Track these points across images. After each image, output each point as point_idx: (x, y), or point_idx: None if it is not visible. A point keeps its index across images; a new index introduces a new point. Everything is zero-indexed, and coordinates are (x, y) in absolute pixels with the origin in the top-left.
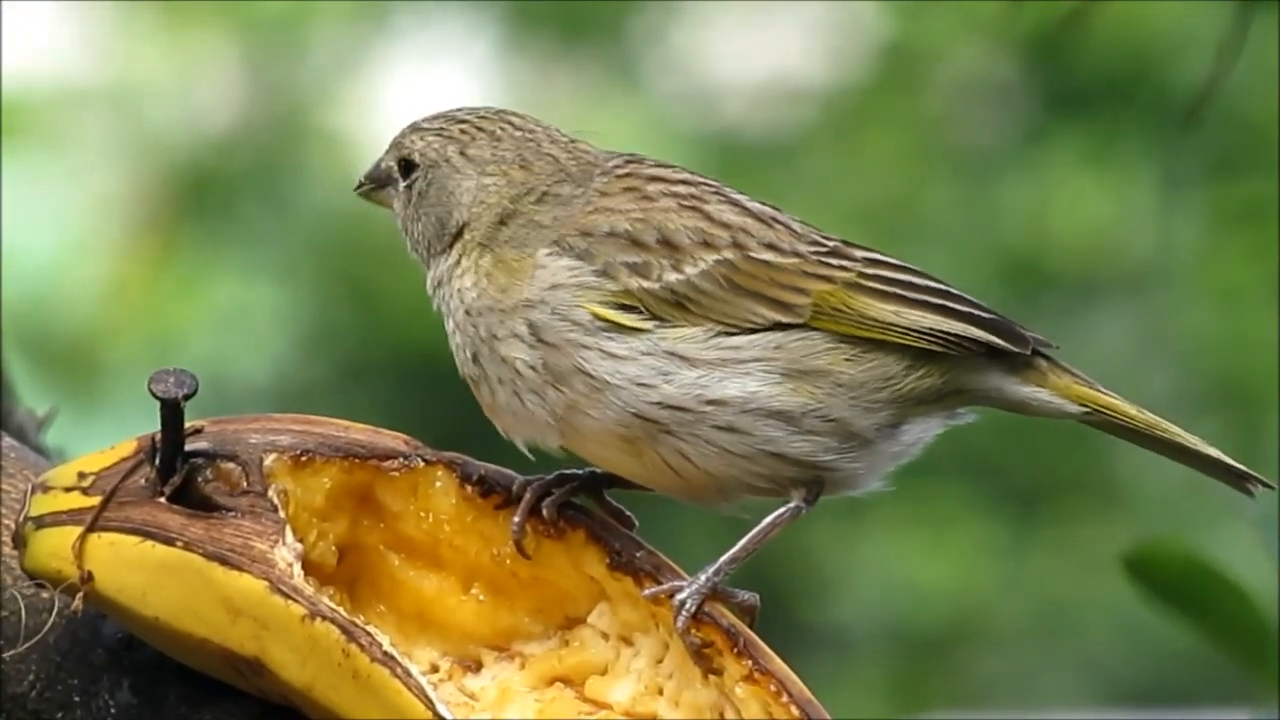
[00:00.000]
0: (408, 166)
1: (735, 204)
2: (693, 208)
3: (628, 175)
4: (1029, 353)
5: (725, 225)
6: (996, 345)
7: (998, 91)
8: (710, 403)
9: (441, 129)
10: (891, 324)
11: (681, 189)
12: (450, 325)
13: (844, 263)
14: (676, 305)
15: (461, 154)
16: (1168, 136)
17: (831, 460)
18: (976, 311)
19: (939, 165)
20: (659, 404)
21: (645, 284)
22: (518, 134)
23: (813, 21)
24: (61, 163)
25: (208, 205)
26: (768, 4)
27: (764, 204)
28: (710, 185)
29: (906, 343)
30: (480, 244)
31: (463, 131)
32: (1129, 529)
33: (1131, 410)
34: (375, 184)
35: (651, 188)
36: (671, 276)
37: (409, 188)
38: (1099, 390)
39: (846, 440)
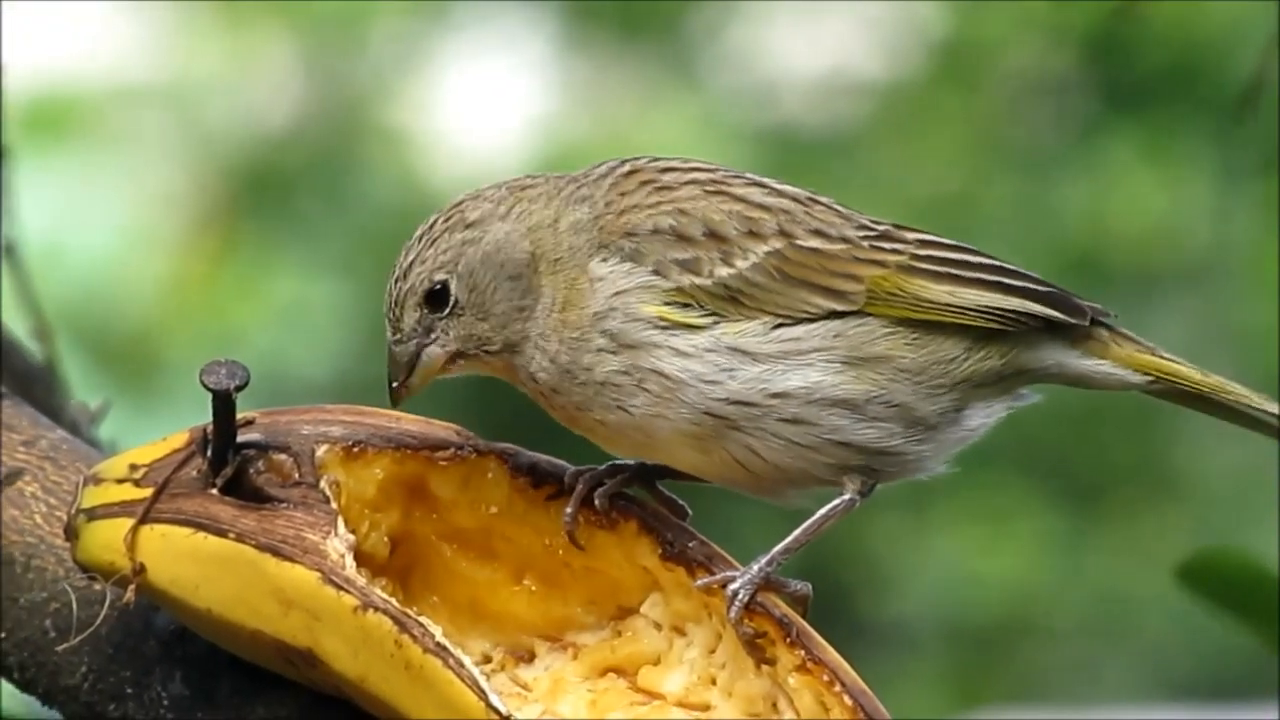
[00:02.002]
0: (436, 296)
1: (762, 185)
2: (718, 191)
3: (634, 173)
4: (1087, 323)
5: (764, 208)
6: (1054, 318)
7: (1055, 87)
8: (775, 395)
9: (423, 240)
10: (947, 304)
11: (700, 175)
12: (564, 386)
13: (896, 246)
14: (730, 300)
15: (469, 228)
16: (1224, 130)
17: (898, 445)
18: (1032, 285)
19: (997, 161)
20: (725, 400)
21: (697, 280)
22: (489, 190)
23: (870, 17)
24: (121, 160)
25: (266, 202)
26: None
27: (797, 187)
28: (728, 170)
29: (964, 322)
30: (554, 275)
31: (445, 221)
32: (1189, 523)
33: (1196, 375)
34: (409, 369)
35: (667, 178)
36: (723, 271)
37: (453, 310)
38: (1163, 356)
39: (911, 425)
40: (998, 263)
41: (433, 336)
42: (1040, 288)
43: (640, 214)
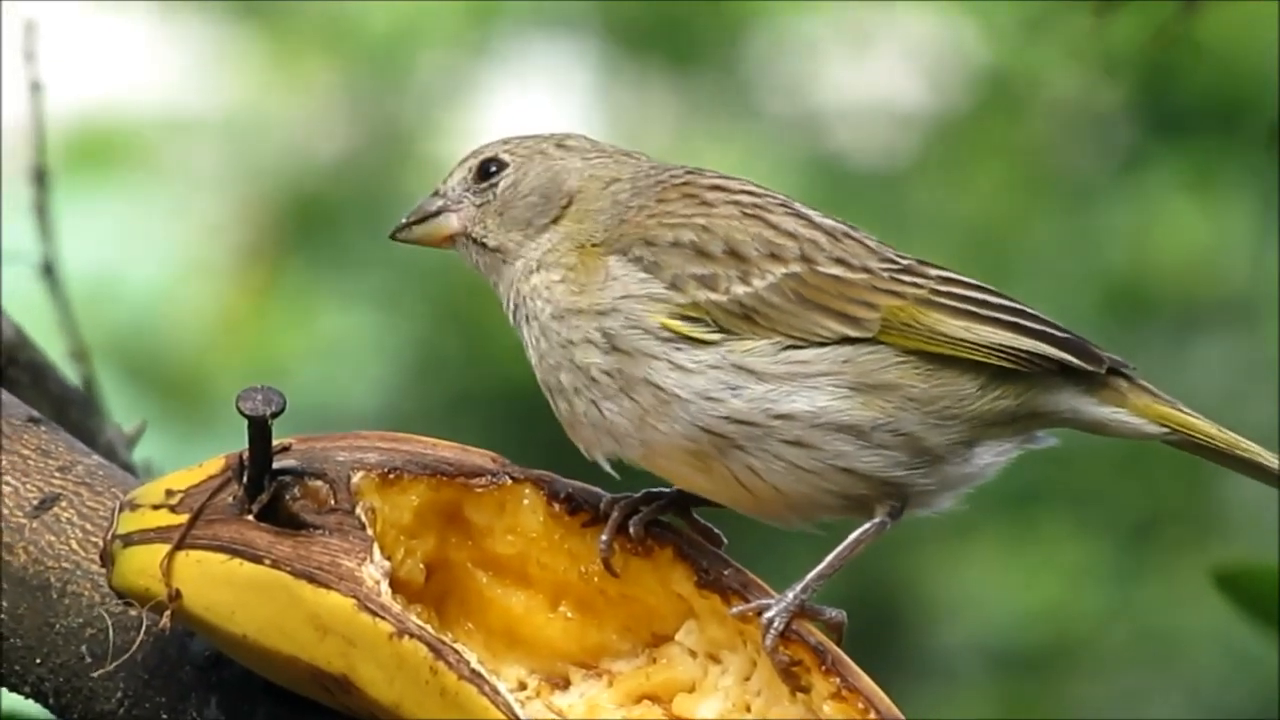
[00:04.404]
0: (489, 169)
1: (802, 217)
2: (755, 216)
3: (685, 184)
4: (1103, 371)
5: (791, 235)
6: (1069, 363)
7: (1098, 117)
8: (778, 417)
9: (528, 137)
10: (962, 339)
11: (744, 198)
12: (531, 333)
13: (917, 279)
14: (744, 318)
15: (559, 146)
16: (1265, 161)
17: (902, 476)
18: (1050, 330)
19: (1042, 192)
20: (727, 418)
21: (713, 296)
22: (605, 144)
23: (915, 48)
24: (170, 191)
25: (313, 233)
26: (872, 30)
27: (836, 221)
28: (776, 198)
29: (978, 359)
30: (576, 226)
31: (551, 133)
32: (1236, 556)
33: (1212, 429)
34: (422, 217)
35: (711, 195)
36: (740, 289)
37: (491, 188)
38: (1179, 410)
39: (917, 456)
40: (1017, 305)
41: (458, 206)
42: (1058, 334)
43: (666, 224)
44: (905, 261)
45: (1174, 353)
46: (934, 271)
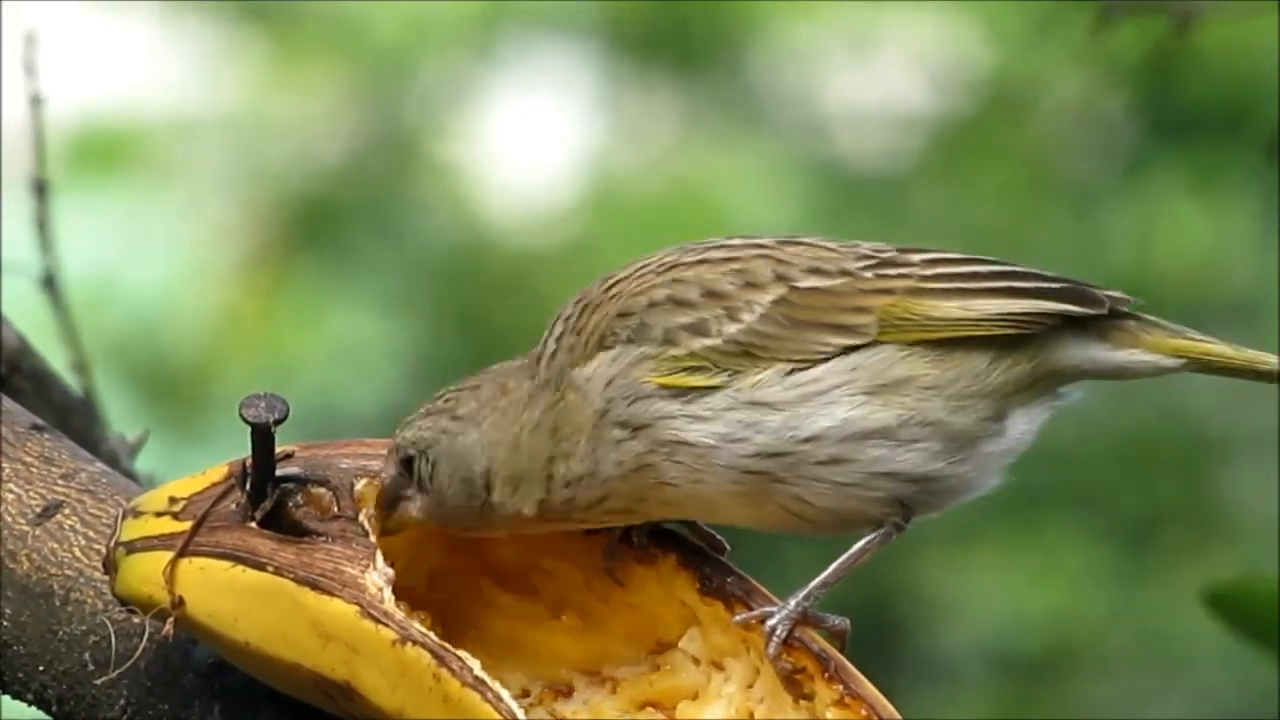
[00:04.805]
0: (407, 464)
1: (749, 241)
2: (702, 261)
3: (582, 297)
4: (1106, 312)
5: (756, 247)
6: (1071, 313)
7: (1102, 119)
8: (806, 440)
9: (426, 411)
10: (960, 319)
11: (667, 258)
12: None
13: (902, 270)
14: (743, 354)
15: (453, 419)
16: (1267, 165)
17: (940, 468)
18: (1044, 284)
19: (1045, 196)
20: (757, 455)
21: (707, 342)
22: (486, 382)
23: (919, 52)
24: (175, 193)
25: (320, 236)
26: (875, 35)
27: (781, 236)
28: (705, 243)
29: (981, 333)
30: (512, 490)
31: (444, 401)
32: (1237, 562)
33: (1229, 351)
34: (390, 508)
35: (638, 271)
36: (731, 328)
37: (419, 482)
38: (1194, 339)
39: (950, 442)
40: (1007, 268)
41: (408, 493)
42: (1053, 284)
43: (629, 297)
44: (885, 254)
45: None
46: (917, 257)
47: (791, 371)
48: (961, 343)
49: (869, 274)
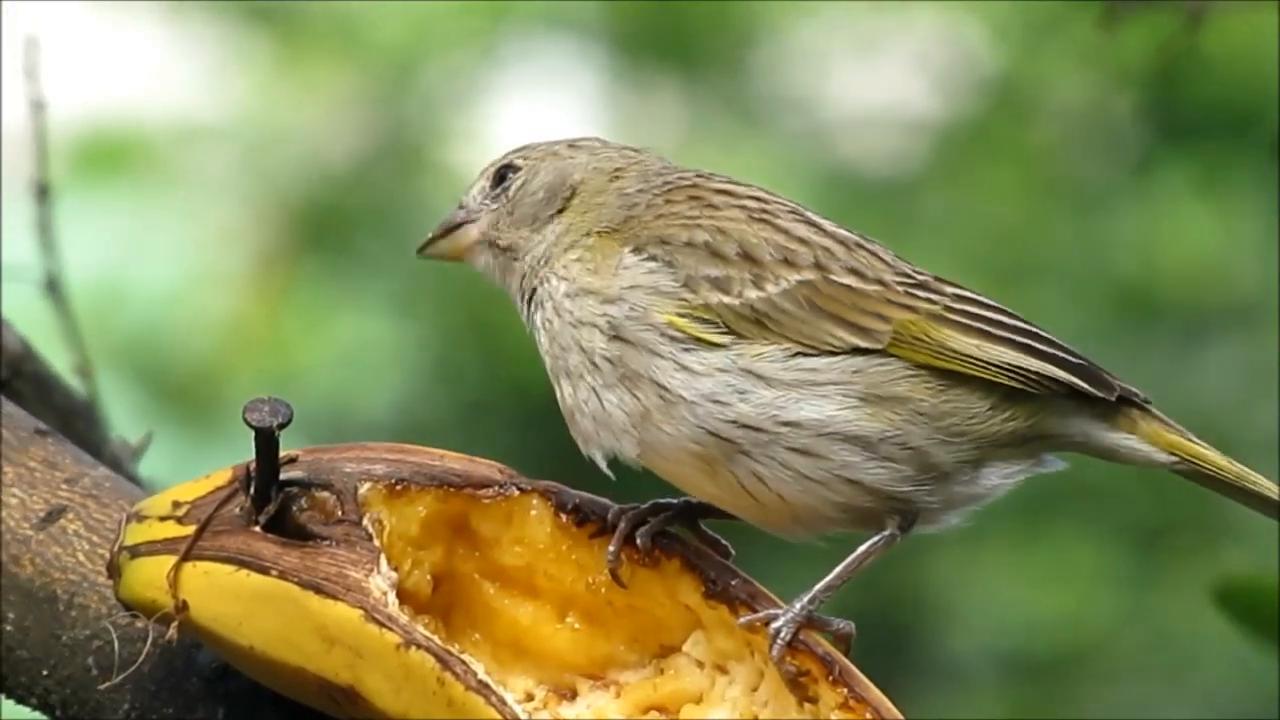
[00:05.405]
0: (504, 175)
1: (813, 224)
2: (763, 220)
3: (693, 186)
4: (1114, 398)
5: (803, 242)
6: (1079, 388)
7: (1108, 123)
8: (786, 424)
9: (543, 143)
10: (973, 357)
11: (751, 203)
12: (544, 316)
13: (932, 295)
14: (755, 322)
15: (570, 146)
16: (1273, 167)
17: (907, 491)
18: (1062, 354)
19: (1051, 198)
20: (734, 422)
21: (725, 299)
22: (614, 142)
23: (924, 53)
24: (182, 197)
25: (327, 240)
26: (881, 37)
27: (849, 231)
28: (785, 204)
29: (988, 377)
30: (579, 217)
31: (565, 139)
32: (1247, 563)
33: (1222, 461)
34: (445, 230)
35: (718, 199)
36: (752, 293)
37: (504, 192)
38: (1190, 439)
39: (924, 471)
40: (1033, 328)
41: (477, 215)
42: (1071, 358)
43: (678, 225)
44: (922, 277)
45: (1182, 357)
46: (950, 289)
47: (796, 354)
48: (967, 380)
49: (900, 288)
